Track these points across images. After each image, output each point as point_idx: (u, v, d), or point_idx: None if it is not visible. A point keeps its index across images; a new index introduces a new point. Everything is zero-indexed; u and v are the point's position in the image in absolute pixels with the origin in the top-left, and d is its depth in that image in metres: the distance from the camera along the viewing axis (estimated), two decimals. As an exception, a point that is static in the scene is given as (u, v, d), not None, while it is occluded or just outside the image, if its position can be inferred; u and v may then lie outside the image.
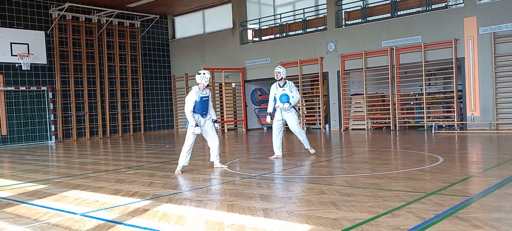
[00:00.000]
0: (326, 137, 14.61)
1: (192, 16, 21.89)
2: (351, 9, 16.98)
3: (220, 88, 19.57)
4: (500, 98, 13.68)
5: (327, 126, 17.64)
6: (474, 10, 13.92)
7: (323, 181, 6.31)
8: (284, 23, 18.86)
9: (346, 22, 17.06)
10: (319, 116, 17.91)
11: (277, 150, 9.02)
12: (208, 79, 7.50)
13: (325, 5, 17.37)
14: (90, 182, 7.11)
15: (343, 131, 16.65)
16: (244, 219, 4.37)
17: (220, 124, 18.49)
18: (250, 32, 20.09)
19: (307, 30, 18.09)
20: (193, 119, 7.37)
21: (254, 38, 19.97)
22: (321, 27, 17.68)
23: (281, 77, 8.93)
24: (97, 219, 4.64)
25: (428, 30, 14.77)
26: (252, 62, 19.38)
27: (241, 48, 19.77)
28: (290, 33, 18.68)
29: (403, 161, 8.19)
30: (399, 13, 15.78)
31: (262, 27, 19.67)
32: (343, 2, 17.14)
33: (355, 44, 16.40)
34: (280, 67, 9.05)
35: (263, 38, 19.61)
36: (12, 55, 16.53)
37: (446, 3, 14.85)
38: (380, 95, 17.25)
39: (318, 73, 17.35)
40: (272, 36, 19.34)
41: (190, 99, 7.38)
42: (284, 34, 18.77)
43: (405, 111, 16.32)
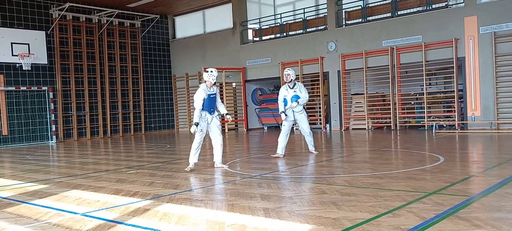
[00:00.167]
0: (327, 136, 14.61)
1: (193, 16, 21.90)
2: (352, 9, 16.97)
3: (221, 88, 19.56)
4: (501, 98, 13.67)
5: (328, 125, 17.64)
6: (475, 10, 13.91)
7: (324, 180, 6.31)
8: (285, 23, 18.86)
9: (347, 22, 17.05)
10: (320, 115, 17.91)
11: (282, 150, 9.08)
12: (216, 77, 7.64)
13: (326, 5, 17.36)
14: (91, 181, 7.11)
15: (344, 130, 16.65)
16: (245, 218, 4.37)
17: (221, 123, 18.44)
18: (251, 32, 20.08)
19: (308, 30, 18.08)
20: (198, 117, 7.53)
21: (255, 38, 19.96)
22: (322, 27, 17.67)
23: (291, 79, 8.99)
24: (98, 219, 4.64)
25: (429, 30, 14.76)
26: (253, 62, 19.38)
27: (242, 48, 19.78)
28: (291, 33, 18.67)
29: (404, 160, 8.18)
30: (400, 13, 15.77)
31: (263, 27, 19.67)
32: (344, 2, 17.13)
33: (356, 44, 16.39)
34: (290, 70, 9.10)
35: (264, 38, 19.60)
36: (13, 55, 16.54)
37: (447, 3, 14.84)
38: (381, 95, 17.24)
39: (319, 73, 17.35)
40: (273, 36, 19.33)
41: (199, 97, 7.55)
42: (285, 34, 18.76)
43: (406, 111, 16.32)
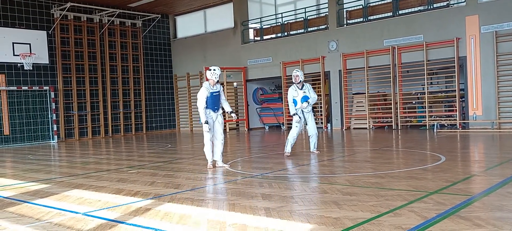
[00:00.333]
0: (328, 136, 14.60)
1: (194, 16, 21.90)
2: (353, 8, 16.96)
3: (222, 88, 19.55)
4: (502, 97, 13.65)
5: (329, 125, 17.63)
6: (476, 9, 13.89)
7: (325, 180, 6.31)
8: (286, 23, 18.85)
9: (348, 21, 17.03)
10: (321, 115, 17.90)
11: (291, 148, 9.10)
12: (218, 76, 7.69)
13: (327, 4, 17.35)
14: (92, 181, 7.12)
15: (345, 130, 16.64)
16: (246, 218, 4.37)
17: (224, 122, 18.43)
18: (252, 32, 20.08)
19: (309, 29, 18.07)
20: (205, 115, 7.60)
21: (256, 38, 19.96)
22: (323, 26, 17.66)
23: (300, 81, 9.04)
24: (99, 218, 4.64)
25: (430, 29, 14.74)
26: (254, 62, 19.38)
27: (243, 48, 19.77)
28: (292, 33, 18.67)
29: (405, 160, 8.18)
30: (401, 12, 15.75)
31: (264, 27, 19.67)
32: (345, 1, 17.11)
33: (357, 43, 16.38)
34: (298, 71, 9.15)
35: (265, 38, 19.60)
36: (14, 55, 16.56)
37: (448, 2, 14.82)
38: (382, 95, 17.22)
39: (320, 73, 17.35)
40: (274, 36, 19.32)
41: (202, 96, 7.60)
42: (286, 34, 18.76)
43: (407, 111, 16.30)
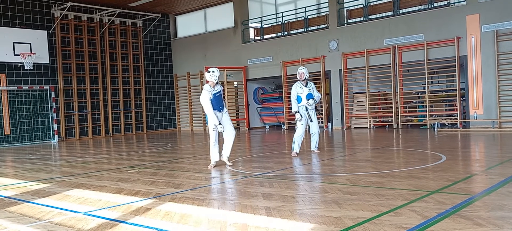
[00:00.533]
0: (329, 135, 14.59)
1: (194, 15, 21.89)
2: (353, 7, 16.94)
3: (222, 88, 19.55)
4: (503, 96, 13.64)
5: (330, 124, 17.63)
6: (477, 8, 13.87)
7: (326, 179, 6.31)
8: (286, 22, 18.84)
9: (348, 21, 17.02)
10: (322, 114, 17.89)
11: (298, 148, 9.07)
12: (217, 77, 7.70)
13: (327, 3, 17.34)
14: (93, 181, 7.12)
15: (346, 129, 16.64)
16: (247, 218, 4.37)
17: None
18: (252, 31, 20.07)
19: (309, 29, 18.06)
20: (214, 117, 7.62)
21: (256, 37, 19.95)
22: (323, 26, 17.65)
23: (305, 78, 9.05)
24: (100, 218, 4.65)
25: (431, 28, 14.73)
26: (254, 61, 19.37)
27: (243, 47, 19.77)
28: (292, 32, 18.66)
29: (406, 159, 8.17)
30: (401, 11, 15.74)
31: (264, 26, 19.66)
32: (345, 0, 17.09)
33: (357, 43, 16.37)
34: (303, 68, 9.15)
35: (265, 37, 19.59)
36: (15, 55, 16.55)
37: (449, 1, 14.80)
38: (383, 94, 17.22)
39: (320, 72, 17.34)
40: (274, 35, 19.31)
41: (206, 99, 7.61)
42: (286, 33, 18.75)
43: (408, 110, 16.29)
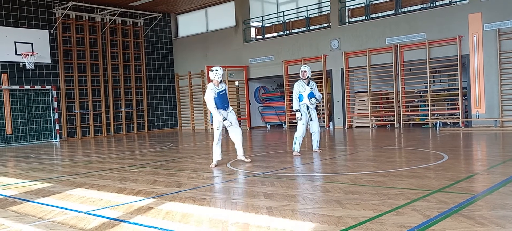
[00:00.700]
0: (330, 134, 14.58)
1: (195, 14, 21.89)
2: (355, 6, 16.92)
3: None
4: (505, 95, 13.61)
5: (331, 123, 17.61)
6: (479, 7, 13.84)
7: (327, 179, 6.30)
8: (287, 21, 18.82)
9: (350, 20, 17.00)
10: (323, 113, 17.88)
11: (299, 147, 9.07)
12: (221, 75, 7.78)
13: (328, 3, 17.33)
14: (95, 180, 7.13)
15: (347, 128, 16.62)
16: (248, 217, 4.37)
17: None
18: (253, 30, 20.06)
19: (311, 28, 18.04)
20: (220, 114, 7.69)
21: (257, 36, 19.95)
22: (325, 25, 17.63)
23: (307, 77, 9.04)
24: (102, 217, 4.65)
25: (433, 27, 14.70)
26: (256, 60, 19.37)
27: (244, 46, 19.76)
28: (293, 31, 18.65)
29: (408, 158, 8.16)
30: (403, 10, 15.71)
31: (265, 25, 19.65)
32: None
33: (359, 42, 16.35)
34: (306, 66, 9.15)
35: (266, 36, 19.58)
36: (17, 55, 16.58)
37: (451, 0, 14.78)
38: (384, 93, 17.20)
39: (322, 71, 17.33)
40: (275, 34, 19.30)
41: (209, 97, 7.69)
42: (287, 32, 18.74)
43: (410, 109, 16.27)
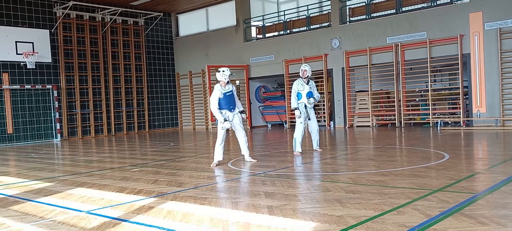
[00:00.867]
0: (331, 134, 14.58)
1: (196, 14, 21.89)
2: (355, 5, 16.90)
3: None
4: (506, 95, 13.60)
5: (332, 123, 17.61)
6: (480, 6, 13.82)
7: (328, 178, 6.30)
8: (288, 20, 18.81)
9: (351, 19, 16.99)
10: (324, 113, 17.88)
11: (300, 146, 9.04)
12: (228, 76, 7.87)
13: (329, 2, 17.31)
14: (96, 179, 7.13)
15: (348, 128, 16.61)
16: (249, 216, 4.37)
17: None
18: (254, 29, 20.06)
19: (311, 27, 18.03)
20: (221, 115, 7.78)
21: (258, 35, 19.94)
22: (325, 24, 17.62)
23: (307, 76, 9.04)
24: (103, 216, 4.65)
25: (433, 26, 14.69)
26: (256, 60, 19.36)
27: (245, 46, 19.76)
28: (294, 30, 18.64)
29: (409, 158, 8.15)
30: (404, 9, 15.69)
31: (266, 24, 19.64)
32: (347, -1, 17.10)
33: (360, 41, 16.34)
34: (306, 66, 9.15)
35: (267, 35, 19.58)
36: (17, 54, 16.59)
37: (451, -1, 14.77)
38: (385, 92, 17.19)
39: (323, 70, 17.32)
40: (276, 33, 19.29)
41: (214, 97, 7.80)
42: (288, 31, 18.73)
43: (411, 108, 16.26)
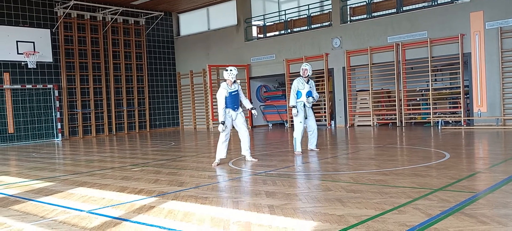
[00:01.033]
0: (332, 133, 14.58)
1: (197, 13, 21.89)
2: (356, 5, 16.90)
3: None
4: (507, 94, 13.59)
5: (333, 122, 17.61)
6: (481, 5, 13.81)
7: (329, 177, 6.30)
8: (289, 20, 18.81)
9: (351, 18, 16.98)
10: (325, 112, 17.87)
11: (300, 146, 9.03)
12: (235, 75, 7.92)
13: (330, 1, 17.30)
14: (97, 179, 7.14)
15: (349, 127, 16.61)
16: (250, 216, 4.37)
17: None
18: (255, 29, 20.05)
19: (312, 26, 18.03)
20: (223, 115, 7.81)
21: (259, 35, 19.94)
22: (326, 23, 17.62)
23: (308, 75, 9.05)
24: (104, 216, 4.66)
25: (434, 26, 14.68)
26: (257, 59, 19.36)
27: (246, 45, 19.76)
28: (295, 30, 18.63)
29: (409, 157, 8.15)
30: (405, 9, 15.69)
31: (267, 24, 19.64)
32: (348, -2, 17.09)
33: (361, 40, 16.33)
34: (307, 65, 9.15)
35: (268, 35, 19.57)
36: (18, 54, 16.61)
37: (452, -2, 14.76)
38: (386, 92, 17.19)
39: (324, 70, 17.31)
40: (277, 33, 19.29)
41: (221, 95, 7.85)
42: (289, 31, 18.72)
43: (411, 108, 16.25)
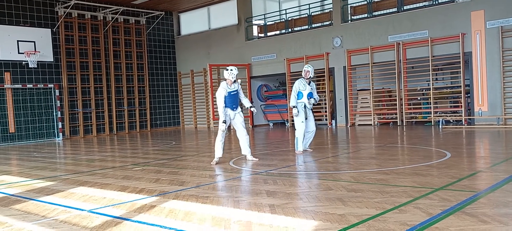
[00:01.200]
0: (333, 132, 14.57)
1: (197, 13, 21.89)
2: (357, 4, 16.89)
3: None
4: (508, 93, 13.57)
5: (334, 121, 17.60)
6: (482, 4, 13.79)
7: (330, 177, 6.30)
8: (290, 19, 18.80)
9: (352, 17, 16.97)
10: (326, 111, 17.87)
11: (302, 145, 9.01)
12: (235, 75, 7.95)
13: (331, 0, 17.29)
14: (97, 178, 7.15)
15: (350, 126, 16.61)
16: (251, 215, 4.37)
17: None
18: (256, 28, 20.05)
19: (313, 26, 18.02)
20: (223, 115, 7.86)
21: (260, 34, 19.93)
22: (327, 23, 17.61)
23: (310, 77, 9.04)
24: (105, 215, 4.66)
25: (435, 25, 14.67)
26: (258, 59, 19.36)
27: (247, 44, 19.76)
28: (296, 29, 18.63)
29: (410, 156, 8.15)
30: (406, 8, 15.67)
31: (268, 23, 19.64)
32: (349, -3, 17.08)
33: (361, 39, 16.32)
34: (309, 66, 9.13)
35: (269, 34, 19.57)
36: (19, 53, 16.61)
37: (453, -3, 14.75)
38: (387, 91, 17.18)
39: (324, 69, 17.31)
40: (278, 32, 19.28)
41: (220, 95, 7.89)
42: (290, 30, 18.72)
43: (412, 107, 16.24)
